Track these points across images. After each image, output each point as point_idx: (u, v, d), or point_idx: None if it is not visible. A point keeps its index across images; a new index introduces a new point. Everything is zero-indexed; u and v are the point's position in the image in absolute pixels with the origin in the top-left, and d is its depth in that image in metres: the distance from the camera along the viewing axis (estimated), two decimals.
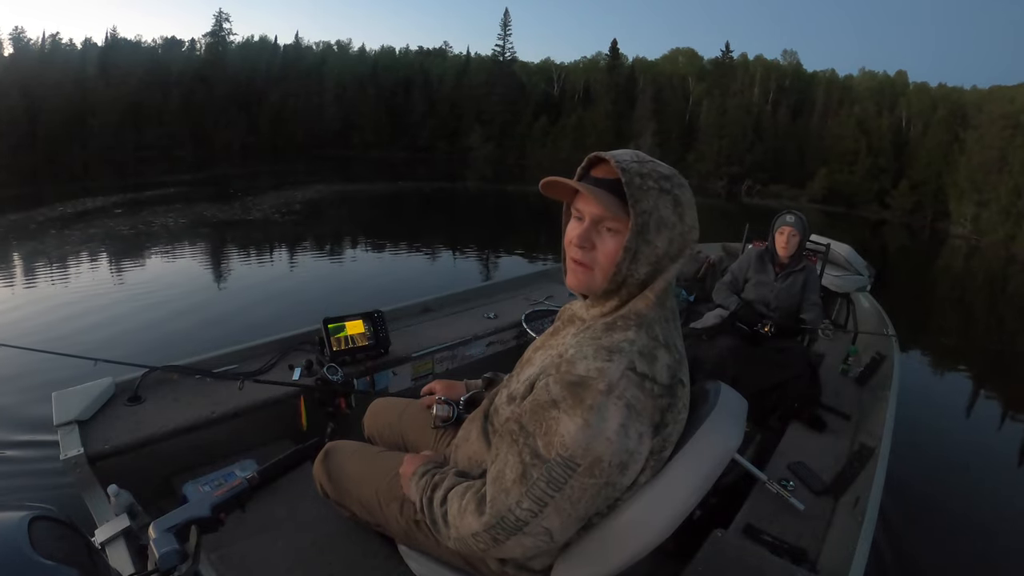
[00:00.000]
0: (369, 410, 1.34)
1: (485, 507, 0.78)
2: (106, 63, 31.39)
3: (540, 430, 0.74)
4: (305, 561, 1.24)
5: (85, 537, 0.64)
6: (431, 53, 47.86)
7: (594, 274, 0.81)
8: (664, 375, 0.76)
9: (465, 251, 8.77)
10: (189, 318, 4.75)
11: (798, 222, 2.50)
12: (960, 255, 18.88)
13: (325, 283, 6.39)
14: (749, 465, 1.65)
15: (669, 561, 1.29)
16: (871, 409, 2.17)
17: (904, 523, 2.48)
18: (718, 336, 2.44)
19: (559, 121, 39.64)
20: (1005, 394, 4.86)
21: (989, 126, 26.92)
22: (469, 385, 1.25)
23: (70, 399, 1.47)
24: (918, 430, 3.53)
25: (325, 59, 41.80)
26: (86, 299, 5.10)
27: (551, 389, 0.75)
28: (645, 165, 0.79)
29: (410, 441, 1.22)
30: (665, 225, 0.78)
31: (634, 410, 0.72)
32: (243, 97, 34.03)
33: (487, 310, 2.49)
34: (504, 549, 0.78)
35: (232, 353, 1.85)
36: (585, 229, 0.81)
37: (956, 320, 7.90)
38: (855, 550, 1.30)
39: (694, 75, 40.89)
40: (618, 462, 0.72)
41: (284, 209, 11.43)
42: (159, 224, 9.27)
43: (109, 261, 6.86)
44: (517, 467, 0.75)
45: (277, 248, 8.20)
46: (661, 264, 0.80)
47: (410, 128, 38.55)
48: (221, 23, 37.33)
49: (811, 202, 29.97)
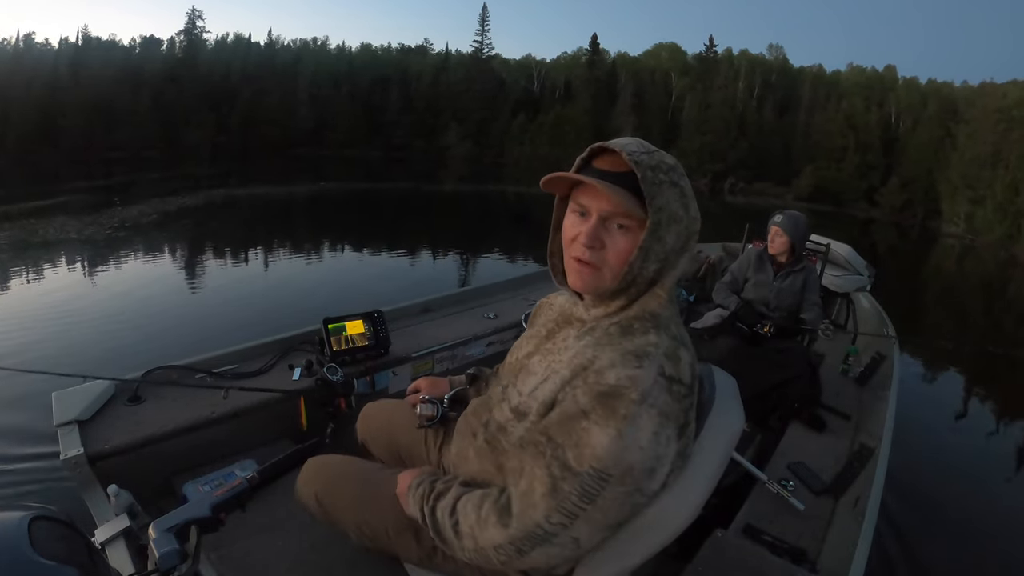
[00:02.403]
0: (361, 415, 1.30)
1: (509, 520, 0.75)
2: (76, 63, 30.72)
3: (570, 442, 0.71)
4: (305, 561, 1.24)
5: (85, 537, 0.64)
6: (412, 51, 46.72)
7: (602, 274, 0.77)
8: (687, 374, 0.74)
9: (440, 255, 8.54)
10: (189, 318, 4.76)
11: (786, 221, 2.49)
12: (954, 255, 18.21)
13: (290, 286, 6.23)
14: (749, 465, 1.65)
15: (669, 561, 1.29)
16: (871, 409, 2.17)
17: (904, 523, 2.48)
18: (718, 336, 2.44)
19: (537, 118, 38.18)
20: (1005, 395, 4.86)
21: (982, 120, 25.65)
22: (453, 382, 1.22)
23: (70, 399, 1.47)
24: (918, 430, 3.53)
25: (300, 57, 40.64)
26: (79, 299, 5.11)
27: (579, 400, 0.72)
28: (654, 156, 0.75)
29: (402, 444, 1.19)
30: (675, 220, 0.75)
31: (664, 416, 0.70)
32: (215, 96, 33.20)
33: (487, 310, 2.49)
34: (527, 560, 0.76)
35: (232, 353, 1.84)
36: (593, 227, 0.76)
37: (954, 323, 7.79)
38: (855, 550, 1.30)
39: (677, 70, 39.33)
40: (648, 468, 0.71)
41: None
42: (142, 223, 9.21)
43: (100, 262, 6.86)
44: (546, 481, 0.73)
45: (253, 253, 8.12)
46: (669, 260, 0.77)
47: (385, 127, 37.62)
48: (194, 20, 36.27)
49: (797, 200, 28.69)
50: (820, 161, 31.45)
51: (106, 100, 28.76)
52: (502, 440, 0.85)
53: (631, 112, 35.17)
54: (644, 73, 39.56)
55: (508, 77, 43.16)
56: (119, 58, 33.55)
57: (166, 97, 31.42)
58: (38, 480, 2.31)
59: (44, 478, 2.29)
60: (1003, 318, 9.08)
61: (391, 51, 46.63)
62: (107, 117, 28.16)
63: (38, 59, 31.29)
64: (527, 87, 43.41)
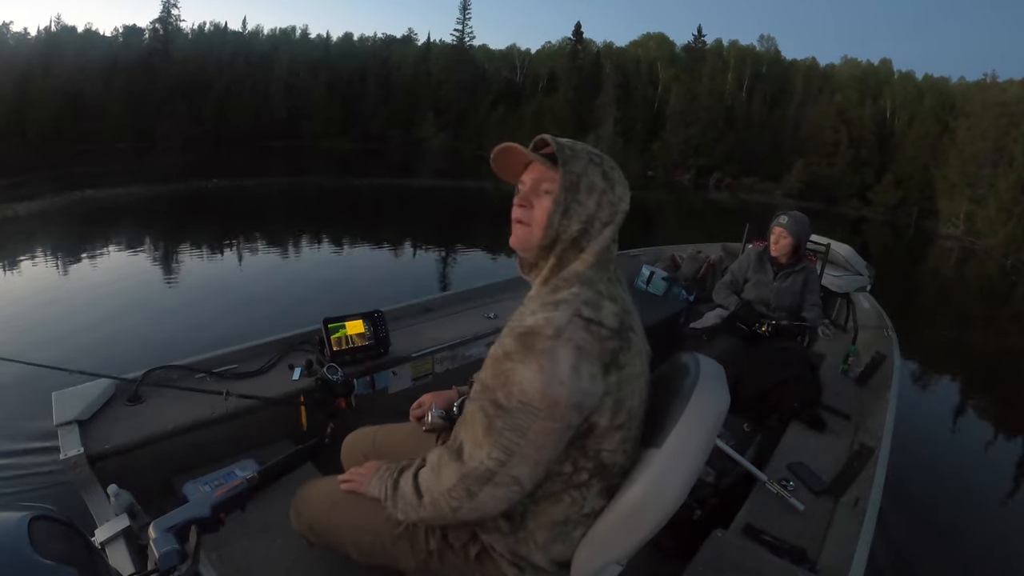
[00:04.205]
0: (344, 445, 1.28)
1: (460, 459, 0.83)
2: (48, 53, 29.84)
3: (498, 383, 0.79)
4: (305, 561, 1.24)
5: (85, 537, 0.64)
6: (397, 41, 45.08)
7: (532, 230, 0.88)
8: (612, 320, 0.80)
9: (423, 253, 8.39)
10: (189, 320, 4.76)
11: (791, 223, 2.50)
12: (952, 259, 16.84)
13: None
14: (749, 465, 1.65)
15: (669, 561, 1.29)
16: (871, 409, 2.17)
17: (904, 523, 2.49)
18: (718, 336, 2.44)
19: (518, 109, 37.11)
20: (1006, 395, 4.87)
21: (983, 114, 24.25)
22: (461, 391, 1.24)
23: (70, 399, 1.47)
24: (918, 430, 3.53)
25: (277, 46, 38.89)
26: (76, 296, 5.11)
27: (503, 343, 0.81)
28: (578, 145, 0.88)
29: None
30: (595, 189, 0.86)
31: (583, 351, 0.76)
32: (189, 87, 32.25)
33: (487, 310, 2.49)
34: (477, 503, 0.82)
35: (232, 353, 1.84)
36: (526, 191, 0.90)
37: (954, 331, 7.47)
38: (855, 550, 1.30)
39: (664, 61, 38.16)
40: (574, 403, 0.76)
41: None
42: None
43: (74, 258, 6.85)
44: (483, 420, 0.80)
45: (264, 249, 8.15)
46: (592, 225, 0.86)
47: (362, 118, 36.43)
48: (169, 9, 34.99)
49: (786, 197, 27.57)
50: (811, 156, 30.27)
51: (77, 90, 28.16)
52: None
53: (613, 103, 34.08)
54: (630, 64, 38.37)
55: (491, 67, 42.26)
56: (93, 48, 32.59)
57: (139, 87, 30.56)
58: (38, 480, 2.31)
59: (44, 478, 2.29)
60: (1007, 327, 8.67)
61: (375, 41, 44.97)
62: (78, 108, 27.56)
63: (14, 49, 30.42)
64: (510, 77, 42.41)
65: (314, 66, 37.59)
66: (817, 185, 29.27)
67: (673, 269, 3.82)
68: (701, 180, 30.51)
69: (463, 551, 0.94)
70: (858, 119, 31.13)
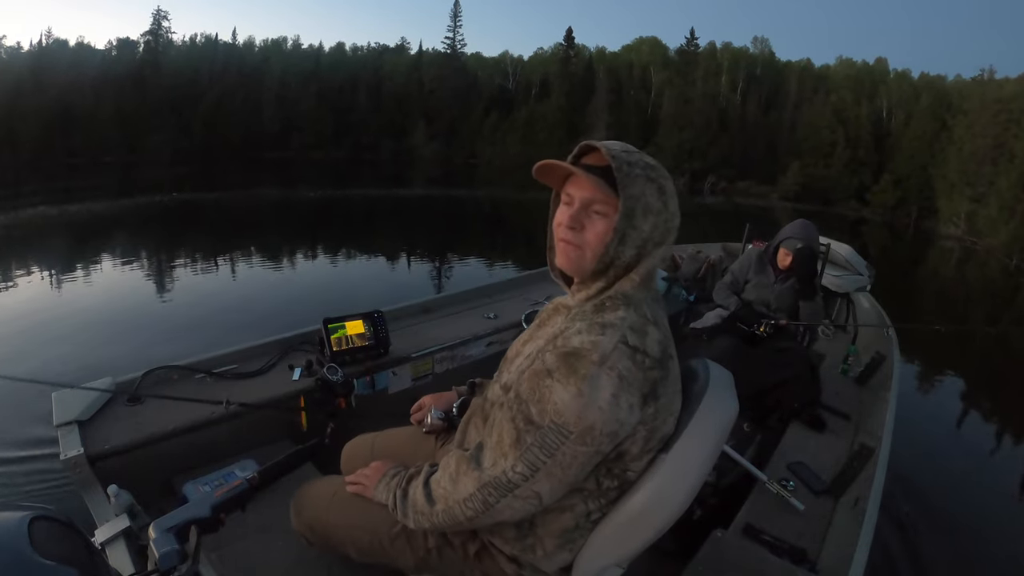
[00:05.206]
0: (344, 452, 1.29)
1: (480, 467, 0.82)
2: (40, 67, 29.90)
3: (534, 398, 0.77)
4: (305, 561, 1.24)
5: (85, 537, 0.64)
6: (389, 50, 45.23)
7: (583, 254, 0.85)
8: (655, 349, 0.79)
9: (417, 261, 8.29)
10: (189, 320, 4.76)
11: (803, 249, 2.44)
12: (952, 259, 16.50)
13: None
14: (749, 465, 1.65)
15: (669, 561, 1.29)
16: (871, 409, 2.17)
17: (904, 523, 2.49)
18: (718, 336, 2.44)
19: (510, 116, 37.19)
20: (1006, 395, 4.86)
21: (981, 111, 23.77)
22: (460, 392, 1.24)
23: (70, 399, 1.47)
24: (918, 430, 3.53)
25: (268, 57, 39.27)
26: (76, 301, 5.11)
27: (546, 361, 0.79)
28: (632, 155, 0.83)
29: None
30: (651, 211, 0.82)
31: (625, 381, 0.75)
32: (179, 100, 32.14)
33: (487, 310, 2.49)
34: (492, 513, 0.81)
35: (232, 353, 1.84)
36: (576, 211, 0.85)
37: (955, 338, 7.32)
38: (855, 550, 1.30)
39: (657, 64, 38.05)
40: (609, 431, 0.75)
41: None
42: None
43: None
44: (512, 432, 0.79)
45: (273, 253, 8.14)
46: (646, 248, 0.83)
47: (354, 127, 36.54)
48: (160, 22, 34.97)
49: (783, 199, 27.27)
50: (807, 158, 29.87)
51: (66, 104, 28.10)
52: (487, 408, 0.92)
53: (606, 108, 34.06)
54: (622, 68, 38.36)
55: (483, 74, 42.14)
56: (85, 62, 32.41)
57: (128, 100, 30.52)
58: (38, 480, 2.30)
59: (44, 478, 2.29)
60: (1009, 328, 8.22)
61: (369, 50, 45.07)
62: (67, 121, 27.51)
63: (6, 63, 30.63)
64: (502, 84, 42.37)
65: (305, 77, 37.71)
66: (814, 187, 28.89)
67: (673, 269, 3.82)
68: (696, 184, 30.02)
69: (462, 548, 0.94)
70: (854, 119, 30.82)
